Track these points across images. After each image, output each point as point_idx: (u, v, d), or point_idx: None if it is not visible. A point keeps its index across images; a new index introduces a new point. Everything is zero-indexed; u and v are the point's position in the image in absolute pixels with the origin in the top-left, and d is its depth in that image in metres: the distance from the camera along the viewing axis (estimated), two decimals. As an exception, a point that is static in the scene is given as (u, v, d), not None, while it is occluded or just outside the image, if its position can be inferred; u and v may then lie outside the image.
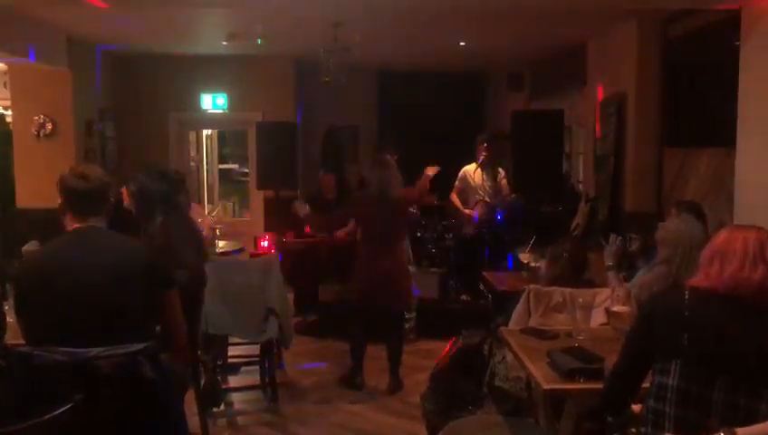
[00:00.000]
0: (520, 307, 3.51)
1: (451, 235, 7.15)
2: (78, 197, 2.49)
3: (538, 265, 4.35)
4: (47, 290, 2.32)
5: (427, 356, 5.12)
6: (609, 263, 3.73)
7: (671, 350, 2.02)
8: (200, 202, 8.77)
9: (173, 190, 3.52)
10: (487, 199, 6.73)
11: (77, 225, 2.49)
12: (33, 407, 1.94)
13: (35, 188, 6.72)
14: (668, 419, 2.01)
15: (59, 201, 2.54)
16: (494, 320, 4.04)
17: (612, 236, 3.87)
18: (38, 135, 6.80)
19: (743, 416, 1.92)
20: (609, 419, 2.23)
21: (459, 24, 6.52)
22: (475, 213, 6.71)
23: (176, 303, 2.55)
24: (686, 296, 2.07)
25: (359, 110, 9.58)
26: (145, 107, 8.33)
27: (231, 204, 10.66)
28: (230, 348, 4.96)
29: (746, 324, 1.97)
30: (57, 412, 1.88)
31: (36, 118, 6.80)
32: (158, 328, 2.57)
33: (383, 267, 4.73)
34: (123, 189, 3.52)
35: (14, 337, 2.56)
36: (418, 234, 7.26)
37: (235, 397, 4.66)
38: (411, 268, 5.79)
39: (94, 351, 2.14)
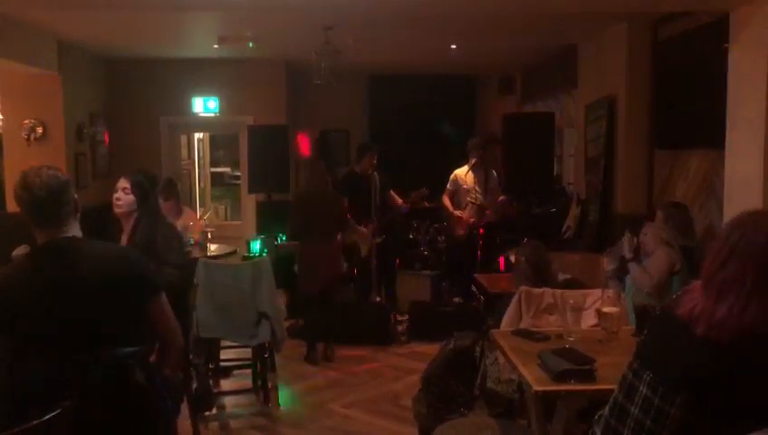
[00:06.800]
0: (511, 309, 3.52)
1: (443, 237, 7.16)
2: (31, 208, 2.16)
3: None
4: (21, 314, 2.12)
5: (420, 358, 5.11)
6: (629, 255, 3.89)
7: None
8: (192, 205, 8.73)
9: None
10: (478, 202, 6.74)
11: (45, 239, 2.19)
12: (20, 413, 1.92)
13: (26, 193, 6.68)
14: None
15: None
16: (485, 322, 4.05)
17: (627, 232, 4.02)
18: (28, 139, 6.77)
19: None
20: None
21: (450, 28, 6.53)
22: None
23: (165, 307, 2.39)
24: None
25: (350, 113, 9.56)
26: (136, 111, 8.29)
27: (223, 207, 10.64)
28: (222, 351, 4.96)
29: None
30: (44, 419, 1.86)
31: (26, 122, 6.78)
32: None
33: (313, 256, 5.53)
34: (122, 187, 3.56)
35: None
36: (411, 236, 7.27)
37: (227, 400, 4.65)
38: None
39: (83, 356, 2.10)
